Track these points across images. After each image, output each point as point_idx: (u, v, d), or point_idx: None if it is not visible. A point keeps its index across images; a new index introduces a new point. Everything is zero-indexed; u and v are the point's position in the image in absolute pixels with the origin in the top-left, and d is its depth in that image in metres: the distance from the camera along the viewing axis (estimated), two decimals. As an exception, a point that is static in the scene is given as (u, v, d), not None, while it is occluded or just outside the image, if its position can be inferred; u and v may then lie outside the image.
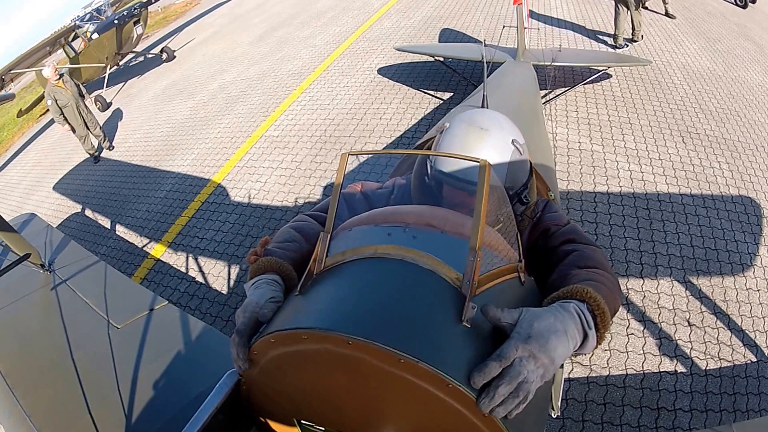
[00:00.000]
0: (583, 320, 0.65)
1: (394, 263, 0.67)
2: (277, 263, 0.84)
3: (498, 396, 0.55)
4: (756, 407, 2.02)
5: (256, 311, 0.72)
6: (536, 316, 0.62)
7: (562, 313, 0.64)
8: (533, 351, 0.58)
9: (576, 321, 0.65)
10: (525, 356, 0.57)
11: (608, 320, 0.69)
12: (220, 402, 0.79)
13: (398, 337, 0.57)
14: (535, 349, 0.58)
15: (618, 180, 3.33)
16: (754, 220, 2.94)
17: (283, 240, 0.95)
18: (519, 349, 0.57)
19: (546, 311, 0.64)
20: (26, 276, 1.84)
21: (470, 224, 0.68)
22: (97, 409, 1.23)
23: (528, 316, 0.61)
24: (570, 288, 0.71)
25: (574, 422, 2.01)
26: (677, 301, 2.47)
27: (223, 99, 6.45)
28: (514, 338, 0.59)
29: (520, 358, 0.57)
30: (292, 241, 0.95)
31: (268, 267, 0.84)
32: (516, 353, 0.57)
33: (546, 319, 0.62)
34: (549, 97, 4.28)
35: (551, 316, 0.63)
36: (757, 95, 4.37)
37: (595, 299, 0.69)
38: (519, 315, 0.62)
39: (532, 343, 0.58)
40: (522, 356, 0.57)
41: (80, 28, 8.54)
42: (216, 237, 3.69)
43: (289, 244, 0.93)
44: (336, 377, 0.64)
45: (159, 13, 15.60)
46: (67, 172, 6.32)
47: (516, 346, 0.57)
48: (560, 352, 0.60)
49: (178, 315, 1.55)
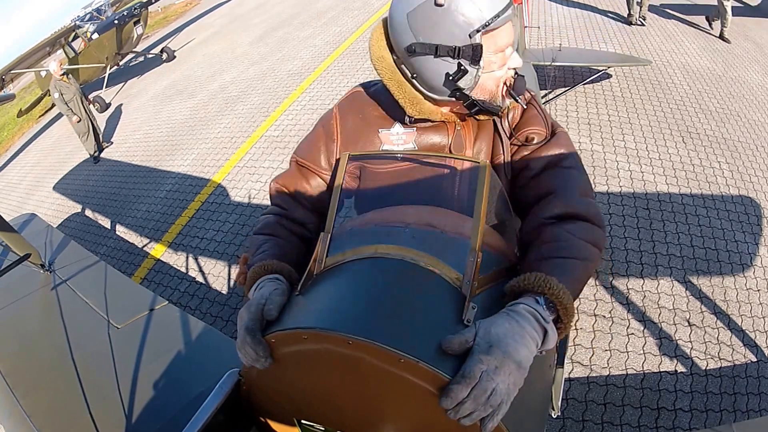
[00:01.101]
0: (539, 318, 0.62)
1: (395, 263, 0.68)
2: (272, 265, 0.80)
3: (463, 411, 0.53)
4: (756, 407, 2.02)
5: (262, 303, 0.68)
6: (492, 323, 0.59)
7: (515, 316, 0.61)
8: (497, 360, 0.55)
9: (531, 320, 0.61)
10: (491, 368, 0.54)
11: (571, 312, 0.66)
12: (220, 402, 0.79)
13: (398, 337, 0.57)
14: (498, 357, 0.55)
15: (618, 180, 3.33)
16: (754, 220, 2.95)
17: (258, 247, 0.91)
18: (483, 362, 0.54)
19: (500, 316, 0.61)
20: (26, 276, 1.84)
21: (470, 224, 0.68)
22: (97, 409, 1.23)
23: (484, 327, 0.58)
24: (527, 280, 0.66)
25: (574, 422, 2.01)
26: (677, 301, 2.47)
27: (223, 99, 6.45)
28: (476, 352, 0.55)
29: (486, 372, 0.54)
30: (267, 241, 0.91)
31: (263, 271, 0.80)
32: (481, 367, 0.54)
33: (501, 324, 0.59)
34: (549, 97, 4.28)
35: (506, 320, 0.60)
36: (757, 95, 4.37)
37: (555, 292, 0.65)
38: (476, 328, 0.59)
39: (493, 352, 0.55)
40: (488, 369, 0.54)
41: (80, 28, 8.56)
42: (216, 237, 3.70)
43: (266, 245, 0.90)
44: (336, 377, 0.64)
45: (159, 13, 15.61)
46: (67, 172, 6.32)
47: (479, 360, 0.54)
48: (524, 354, 0.57)
49: (178, 315, 1.55)
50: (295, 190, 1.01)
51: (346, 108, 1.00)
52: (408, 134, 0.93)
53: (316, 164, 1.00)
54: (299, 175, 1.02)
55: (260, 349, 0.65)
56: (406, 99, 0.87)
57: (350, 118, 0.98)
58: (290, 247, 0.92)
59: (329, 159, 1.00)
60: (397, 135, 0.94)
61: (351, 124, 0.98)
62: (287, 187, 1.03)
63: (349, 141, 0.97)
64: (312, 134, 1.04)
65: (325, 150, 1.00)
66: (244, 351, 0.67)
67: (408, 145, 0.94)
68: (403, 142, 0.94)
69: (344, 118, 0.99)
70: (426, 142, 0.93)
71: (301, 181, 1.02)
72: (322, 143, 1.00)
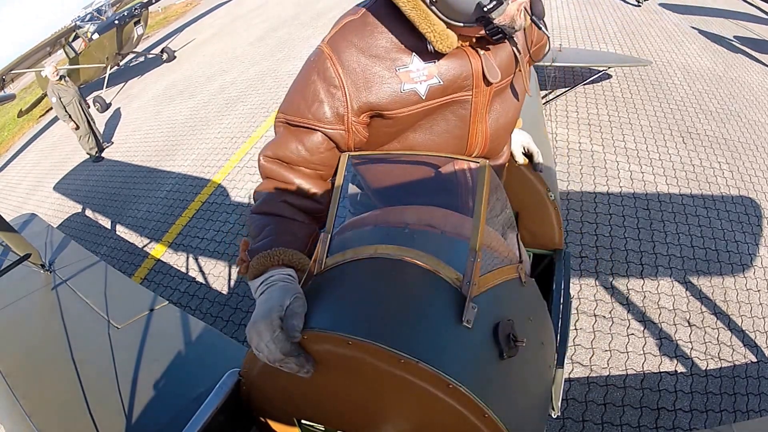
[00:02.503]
0: None
1: (395, 263, 0.67)
2: (280, 255, 0.73)
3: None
4: (756, 407, 2.02)
5: (282, 314, 0.63)
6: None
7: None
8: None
9: None
10: None
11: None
12: (220, 402, 0.79)
13: (398, 338, 0.57)
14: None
15: (618, 180, 3.33)
16: (754, 220, 2.94)
17: (260, 229, 0.81)
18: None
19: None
20: (26, 276, 1.84)
21: (470, 224, 0.68)
22: (98, 409, 1.23)
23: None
24: None
25: (574, 422, 2.00)
26: (677, 301, 2.47)
27: (224, 99, 6.46)
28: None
29: None
30: (270, 223, 0.81)
31: (269, 262, 0.73)
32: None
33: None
34: (549, 98, 4.28)
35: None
36: (758, 95, 4.37)
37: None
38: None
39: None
40: None
41: (81, 29, 8.56)
42: (216, 237, 3.69)
43: (270, 228, 0.80)
44: (336, 377, 0.64)
45: (159, 14, 15.62)
46: (68, 173, 6.33)
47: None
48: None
49: (178, 315, 1.55)
50: (292, 157, 0.85)
51: (341, 44, 0.80)
52: (429, 68, 0.80)
53: (317, 118, 0.81)
54: (293, 138, 0.84)
55: (302, 360, 0.61)
56: (434, 32, 0.75)
57: (352, 57, 0.79)
58: (298, 227, 0.82)
59: (336, 110, 0.81)
60: (418, 71, 0.80)
61: (355, 64, 0.79)
62: (281, 157, 0.85)
63: (359, 86, 0.79)
64: (302, 85, 0.83)
65: (329, 99, 0.80)
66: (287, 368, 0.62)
67: (432, 80, 0.81)
68: (426, 77, 0.80)
69: (343, 57, 0.79)
70: (450, 74, 0.81)
71: (297, 144, 0.84)
72: (322, 92, 0.80)
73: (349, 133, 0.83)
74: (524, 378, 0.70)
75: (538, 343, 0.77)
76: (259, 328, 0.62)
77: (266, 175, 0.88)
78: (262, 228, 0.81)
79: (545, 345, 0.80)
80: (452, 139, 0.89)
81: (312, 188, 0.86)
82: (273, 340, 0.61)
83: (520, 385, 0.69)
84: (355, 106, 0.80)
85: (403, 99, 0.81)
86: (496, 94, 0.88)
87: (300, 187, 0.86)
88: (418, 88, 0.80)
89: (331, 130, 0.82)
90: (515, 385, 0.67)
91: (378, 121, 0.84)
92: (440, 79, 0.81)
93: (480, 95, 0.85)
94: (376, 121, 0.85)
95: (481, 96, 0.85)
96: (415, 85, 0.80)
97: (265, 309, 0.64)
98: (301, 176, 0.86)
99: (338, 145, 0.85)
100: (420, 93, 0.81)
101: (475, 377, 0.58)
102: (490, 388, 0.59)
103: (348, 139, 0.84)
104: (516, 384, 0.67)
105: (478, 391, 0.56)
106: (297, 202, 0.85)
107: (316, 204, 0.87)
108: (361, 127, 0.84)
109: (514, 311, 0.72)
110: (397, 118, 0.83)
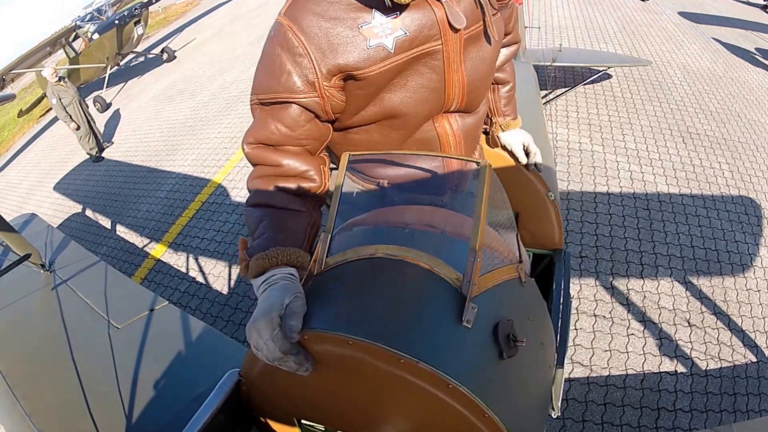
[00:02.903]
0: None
1: (395, 263, 0.68)
2: (279, 256, 0.73)
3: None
4: (756, 407, 2.02)
5: (281, 314, 0.63)
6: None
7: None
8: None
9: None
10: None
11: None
12: (220, 402, 0.79)
13: (398, 338, 0.57)
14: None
15: (618, 180, 3.33)
16: (754, 220, 2.94)
17: (257, 224, 0.80)
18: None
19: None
20: (27, 276, 1.84)
21: (470, 225, 0.68)
22: (98, 410, 1.23)
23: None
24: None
25: (574, 422, 2.00)
26: (677, 301, 2.47)
27: (224, 99, 6.46)
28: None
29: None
30: (265, 217, 0.80)
31: (268, 264, 0.73)
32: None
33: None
34: (549, 98, 4.28)
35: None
36: (758, 95, 4.37)
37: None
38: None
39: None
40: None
41: (81, 28, 8.56)
42: (216, 237, 3.69)
43: (265, 222, 0.79)
44: (336, 377, 0.64)
45: (160, 14, 15.62)
46: (68, 173, 6.33)
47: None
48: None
49: (178, 315, 1.55)
50: (274, 137, 0.83)
51: (298, 14, 0.78)
52: (392, 21, 0.78)
53: (288, 90, 0.79)
54: (270, 117, 0.83)
55: (300, 358, 0.61)
56: None
57: (312, 24, 0.77)
58: (293, 219, 0.81)
59: (306, 77, 0.78)
60: (381, 26, 0.78)
61: (317, 29, 0.77)
62: (263, 140, 0.84)
63: (324, 49, 0.77)
64: (267, 61, 0.81)
65: (297, 68, 0.78)
66: (286, 366, 0.63)
67: (398, 33, 0.79)
68: (390, 30, 0.78)
69: (303, 24, 0.77)
70: (414, 25, 0.79)
71: (276, 123, 0.82)
72: (288, 63, 0.78)
73: (323, 98, 0.81)
74: (524, 378, 0.70)
75: (538, 343, 0.77)
76: (258, 327, 0.63)
77: (254, 161, 0.86)
78: (258, 222, 0.80)
79: (545, 345, 0.80)
80: (429, 93, 0.87)
81: (302, 166, 0.85)
82: (272, 338, 0.61)
83: (520, 385, 0.69)
84: (324, 70, 0.78)
85: (371, 56, 0.79)
86: (468, 43, 0.86)
87: (289, 167, 0.84)
88: (385, 42, 0.78)
89: (305, 99, 0.80)
90: (515, 385, 0.67)
91: (351, 84, 0.82)
92: (405, 30, 0.79)
93: (450, 43, 0.83)
94: (349, 84, 0.82)
95: (451, 44, 0.83)
96: (380, 40, 0.78)
97: (265, 307, 0.65)
98: (289, 155, 0.84)
99: (316, 113, 0.83)
100: (387, 47, 0.78)
101: (475, 377, 0.58)
102: (490, 388, 0.59)
103: (324, 105, 0.82)
104: (516, 384, 0.67)
105: (478, 391, 0.56)
106: (290, 186, 0.83)
107: (310, 182, 0.85)
108: (335, 90, 0.81)
109: (514, 311, 0.72)
110: (369, 77, 0.80)
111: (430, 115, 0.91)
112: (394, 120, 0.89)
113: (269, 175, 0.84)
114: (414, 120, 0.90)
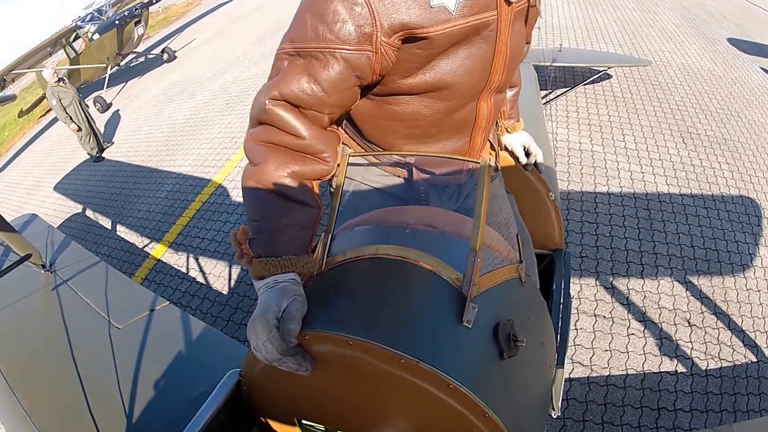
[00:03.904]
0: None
1: (395, 264, 0.68)
2: (281, 264, 0.70)
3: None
4: (756, 407, 2.02)
5: (278, 316, 0.63)
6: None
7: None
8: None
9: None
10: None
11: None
12: (221, 402, 0.79)
13: (399, 338, 0.57)
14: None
15: (618, 180, 3.33)
16: (754, 220, 2.94)
17: (259, 214, 0.74)
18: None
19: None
20: (27, 276, 1.84)
21: (470, 225, 0.68)
22: (98, 410, 1.23)
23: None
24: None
25: (574, 422, 2.00)
26: (678, 301, 2.47)
27: (224, 99, 6.46)
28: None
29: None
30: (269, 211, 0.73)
31: (273, 271, 0.70)
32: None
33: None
34: (549, 98, 4.28)
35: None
36: (758, 95, 4.37)
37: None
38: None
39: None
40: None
41: (81, 29, 8.56)
42: (217, 237, 3.70)
43: (268, 222, 0.73)
44: (336, 377, 0.64)
45: (160, 14, 15.62)
46: (68, 173, 6.33)
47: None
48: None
49: (179, 315, 1.55)
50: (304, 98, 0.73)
51: None
52: None
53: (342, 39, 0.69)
54: (305, 73, 0.72)
55: (298, 359, 0.62)
56: None
57: None
58: (301, 216, 0.74)
59: (362, 29, 0.69)
60: None
61: None
62: (291, 97, 0.73)
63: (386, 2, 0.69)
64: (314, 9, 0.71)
65: (353, 17, 0.68)
66: (285, 366, 0.63)
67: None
68: None
69: None
70: None
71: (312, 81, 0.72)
72: (343, 11, 0.68)
73: (376, 54, 0.72)
74: (524, 378, 0.70)
75: (538, 342, 0.77)
76: (255, 328, 0.63)
77: (271, 121, 0.74)
78: (263, 212, 0.73)
79: (545, 345, 0.80)
80: (478, 63, 0.83)
81: (320, 144, 0.76)
82: (269, 339, 0.62)
83: (520, 384, 0.69)
84: (386, 25, 0.70)
85: (434, 16, 0.72)
86: (516, 18, 0.84)
87: (309, 143, 0.75)
88: (447, 3, 0.72)
89: (357, 54, 0.71)
90: (515, 384, 0.67)
91: (409, 45, 0.75)
92: None
93: (503, 15, 0.79)
94: (407, 46, 0.75)
95: (504, 16, 0.80)
96: (443, 1, 0.71)
97: (262, 309, 0.65)
98: (311, 126, 0.75)
99: (361, 76, 0.75)
100: (449, 8, 0.72)
101: (475, 377, 0.58)
102: (490, 388, 0.59)
103: (374, 62, 0.73)
104: (516, 384, 0.67)
105: (478, 391, 0.56)
106: (305, 169, 0.75)
107: (324, 164, 0.77)
108: (391, 49, 0.73)
109: (514, 311, 0.72)
110: (432, 38, 0.73)
111: (473, 88, 0.87)
112: (440, 91, 0.84)
113: (285, 147, 0.75)
114: (458, 92, 0.85)
